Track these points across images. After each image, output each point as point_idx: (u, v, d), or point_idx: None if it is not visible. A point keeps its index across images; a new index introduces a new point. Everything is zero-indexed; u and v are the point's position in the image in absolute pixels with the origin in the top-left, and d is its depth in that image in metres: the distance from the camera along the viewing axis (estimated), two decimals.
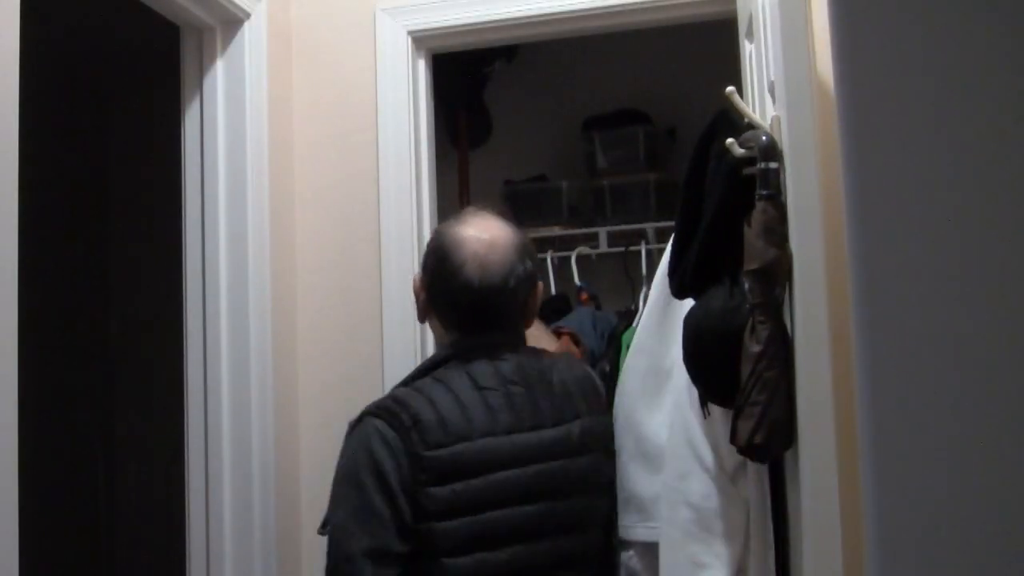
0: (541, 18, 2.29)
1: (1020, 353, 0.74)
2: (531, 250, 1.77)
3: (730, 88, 1.37)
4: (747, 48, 1.76)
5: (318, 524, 1.65)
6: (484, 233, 1.70)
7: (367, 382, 2.27)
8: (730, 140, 1.32)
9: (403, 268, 2.29)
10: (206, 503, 2.09)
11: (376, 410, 1.63)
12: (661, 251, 2.78)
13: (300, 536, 2.25)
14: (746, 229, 1.27)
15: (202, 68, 2.20)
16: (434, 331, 1.82)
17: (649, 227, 3.08)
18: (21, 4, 1.56)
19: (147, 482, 3.54)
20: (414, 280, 1.81)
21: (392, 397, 1.67)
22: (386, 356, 2.27)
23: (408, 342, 2.27)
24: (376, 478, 1.56)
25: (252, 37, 2.20)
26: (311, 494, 2.25)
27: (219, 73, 2.19)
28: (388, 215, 2.31)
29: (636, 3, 2.24)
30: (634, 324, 2.13)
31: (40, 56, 1.78)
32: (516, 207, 3.04)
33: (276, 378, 2.18)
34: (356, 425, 1.65)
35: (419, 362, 2.27)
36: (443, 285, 1.71)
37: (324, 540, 1.58)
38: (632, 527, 1.73)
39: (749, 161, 1.31)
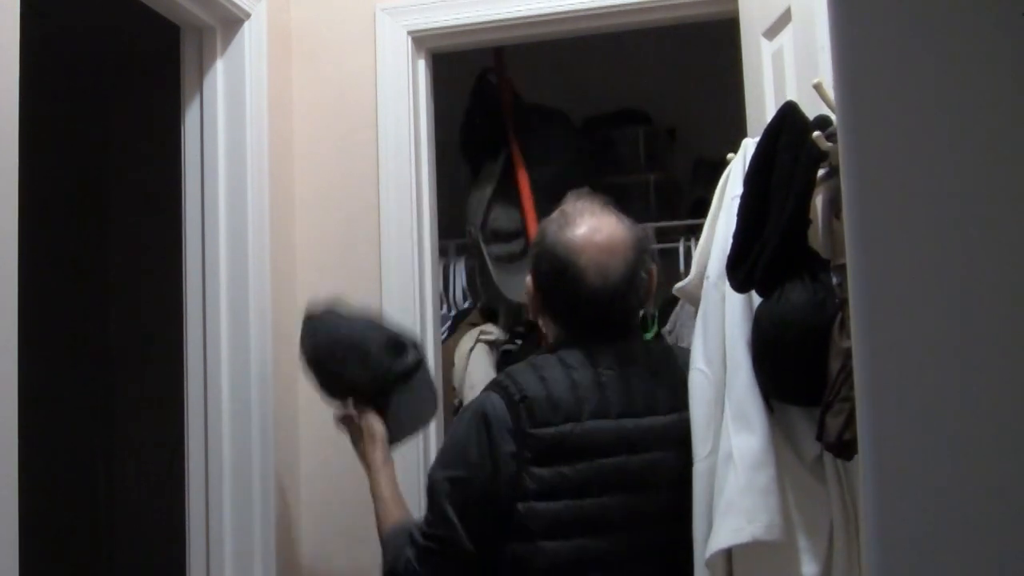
0: (541, 18, 2.29)
1: (1020, 353, 0.74)
2: (645, 238, 1.71)
3: (817, 80, 1.33)
4: (766, 46, 1.76)
5: (317, 524, 1.64)
6: (599, 235, 1.63)
7: None
8: (817, 133, 1.28)
9: (403, 268, 2.29)
10: (206, 503, 2.09)
11: (492, 384, 1.65)
12: (661, 251, 2.79)
13: (300, 536, 2.25)
14: (835, 223, 1.25)
15: (202, 68, 2.20)
16: (547, 329, 1.76)
17: (649, 227, 3.07)
18: (21, 4, 1.56)
19: (147, 482, 3.54)
20: (527, 282, 1.74)
21: (506, 372, 1.67)
22: None
23: None
24: (470, 454, 1.58)
25: (252, 37, 2.20)
26: (311, 494, 2.26)
27: (219, 73, 2.19)
28: (388, 215, 2.31)
29: (636, 3, 2.24)
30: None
31: (40, 56, 1.78)
32: None
33: (276, 378, 2.18)
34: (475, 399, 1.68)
35: None
36: (561, 293, 1.66)
37: (323, 539, 1.57)
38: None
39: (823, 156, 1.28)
